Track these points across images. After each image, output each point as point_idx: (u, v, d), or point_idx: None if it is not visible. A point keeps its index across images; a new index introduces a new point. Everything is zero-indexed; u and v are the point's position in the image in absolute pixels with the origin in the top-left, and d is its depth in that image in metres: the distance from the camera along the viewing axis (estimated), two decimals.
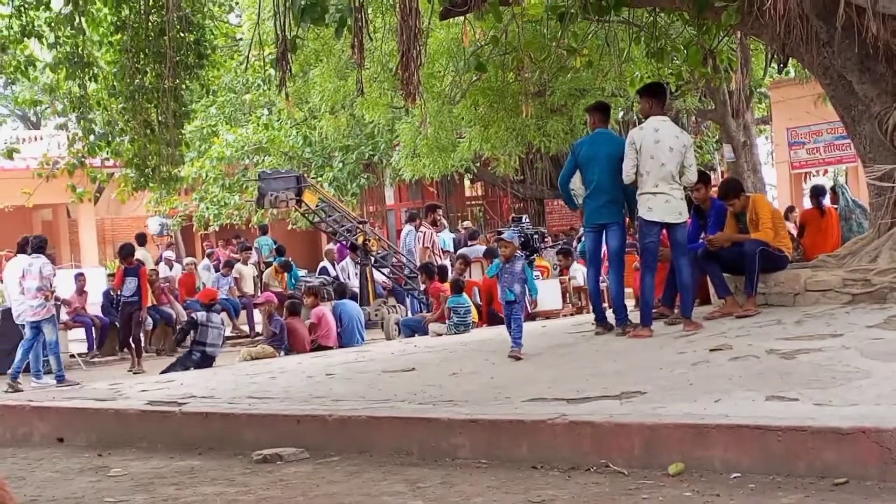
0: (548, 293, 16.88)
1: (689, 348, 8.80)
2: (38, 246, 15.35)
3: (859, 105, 10.82)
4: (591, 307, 13.49)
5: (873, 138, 10.74)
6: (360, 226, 19.86)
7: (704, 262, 10.61)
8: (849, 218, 15.08)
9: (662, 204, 9.99)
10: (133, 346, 16.83)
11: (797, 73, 20.97)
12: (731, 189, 11.03)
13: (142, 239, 22.27)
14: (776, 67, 13.22)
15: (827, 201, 15.52)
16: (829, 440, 5.59)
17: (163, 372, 14.20)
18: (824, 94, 12.65)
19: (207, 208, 29.38)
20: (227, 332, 21.56)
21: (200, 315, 15.24)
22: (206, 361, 14.70)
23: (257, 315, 20.39)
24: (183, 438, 8.67)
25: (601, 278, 11.67)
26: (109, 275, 17.15)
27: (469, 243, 21.45)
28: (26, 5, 15.01)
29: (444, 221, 24.02)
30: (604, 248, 10.77)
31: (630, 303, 12.90)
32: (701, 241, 10.95)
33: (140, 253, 19.84)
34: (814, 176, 27.68)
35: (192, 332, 15.17)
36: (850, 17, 9.92)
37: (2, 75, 16.23)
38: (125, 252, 16.52)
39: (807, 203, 20.12)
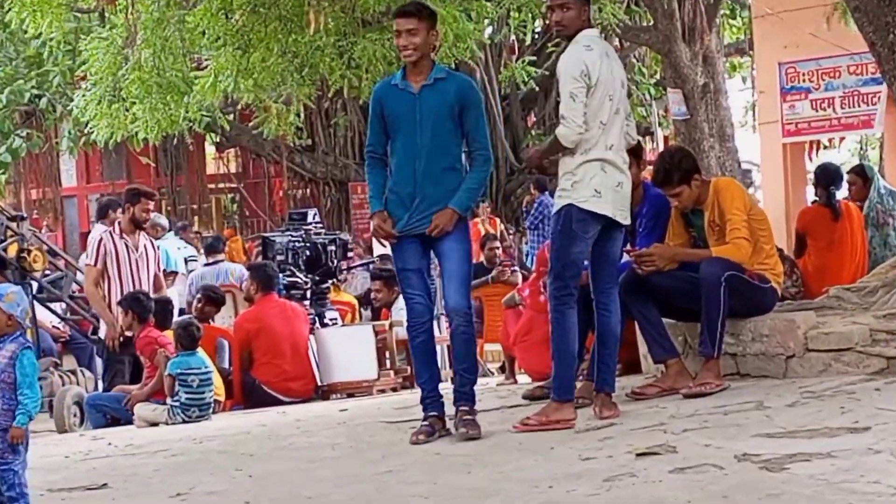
0: (353, 352, 16.80)
1: (600, 450, 8.88)
2: None
3: None
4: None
5: None
6: (13, 224, 19.62)
7: (630, 298, 10.65)
8: (883, 223, 15.42)
9: (614, 189, 9.91)
10: None
11: None
12: (678, 168, 11.09)
13: None
14: None
15: (845, 192, 15.86)
16: None
17: None
18: (843, 5, 12.94)
19: None
20: None
21: None
22: None
23: None
24: None
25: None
26: None
27: (207, 261, 21.29)
28: None
29: (165, 221, 23.82)
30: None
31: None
32: (624, 260, 10.99)
33: None
34: (825, 148, 28.35)
35: None
36: None
37: None
38: None
39: (810, 195, 20.57)
